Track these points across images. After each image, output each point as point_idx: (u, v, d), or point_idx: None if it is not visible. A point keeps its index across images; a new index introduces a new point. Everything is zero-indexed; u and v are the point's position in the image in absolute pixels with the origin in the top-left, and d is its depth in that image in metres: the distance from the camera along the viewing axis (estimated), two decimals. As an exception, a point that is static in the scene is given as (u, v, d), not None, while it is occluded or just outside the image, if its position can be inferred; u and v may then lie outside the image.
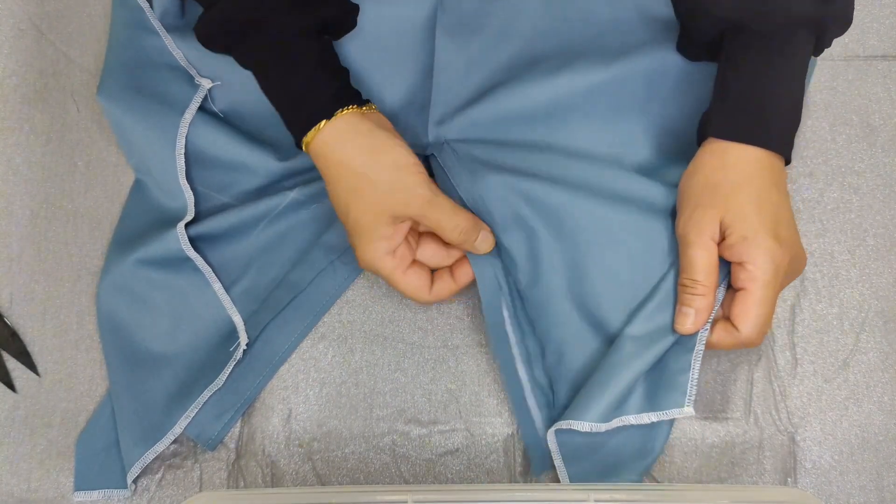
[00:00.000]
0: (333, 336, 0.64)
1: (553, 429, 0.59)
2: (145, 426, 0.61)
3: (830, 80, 0.68)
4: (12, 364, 0.64)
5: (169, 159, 0.63)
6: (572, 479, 0.59)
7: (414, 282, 0.59)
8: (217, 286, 0.63)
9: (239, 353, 0.62)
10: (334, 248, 0.65)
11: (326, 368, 0.64)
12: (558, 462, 0.59)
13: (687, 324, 0.57)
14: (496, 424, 0.63)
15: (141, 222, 0.65)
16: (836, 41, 0.68)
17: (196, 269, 0.63)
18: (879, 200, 0.66)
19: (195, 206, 0.64)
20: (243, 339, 0.62)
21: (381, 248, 0.58)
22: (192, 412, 0.61)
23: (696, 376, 0.57)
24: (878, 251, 0.65)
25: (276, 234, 0.65)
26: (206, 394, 0.61)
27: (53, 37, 0.69)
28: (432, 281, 0.61)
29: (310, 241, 0.65)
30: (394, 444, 0.63)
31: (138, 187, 0.66)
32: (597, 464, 0.59)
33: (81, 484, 0.61)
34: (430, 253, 0.61)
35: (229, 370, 0.62)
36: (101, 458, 0.62)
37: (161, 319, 0.63)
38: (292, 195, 0.64)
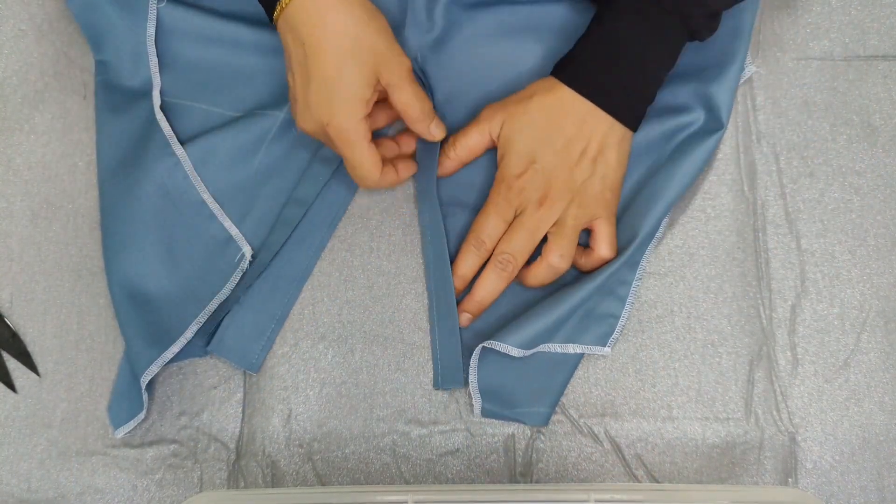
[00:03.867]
0: (333, 336, 0.64)
1: (481, 345, 0.62)
2: (155, 332, 0.62)
3: (831, 80, 0.68)
4: (13, 364, 0.64)
5: (139, 28, 0.65)
6: (482, 392, 0.62)
7: (374, 156, 0.59)
8: (207, 197, 0.64)
9: (245, 264, 0.63)
10: (332, 159, 0.65)
11: (326, 368, 0.64)
12: (472, 370, 0.62)
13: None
14: (496, 424, 0.63)
15: (123, 145, 0.66)
16: (836, 41, 0.68)
17: (192, 189, 0.64)
18: (880, 200, 0.66)
19: (179, 127, 0.65)
20: (245, 248, 0.64)
21: (360, 111, 0.58)
22: (202, 318, 0.62)
23: (623, 322, 0.63)
24: (879, 251, 0.65)
25: (275, 158, 0.65)
26: (216, 301, 0.63)
27: (53, 37, 0.69)
28: None
29: (308, 158, 0.66)
30: (394, 445, 0.63)
31: (104, 87, 0.67)
32: (503, 387, 0.62)
33: (117, 423, 0.62)
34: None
35: (237, 279, 0.63)
36: (127, 395, 0.63)
37: (159, 245, 0.63)
38: (283, 116, 0.65)
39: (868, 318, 0.64)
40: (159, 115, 0.64)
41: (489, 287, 0.62)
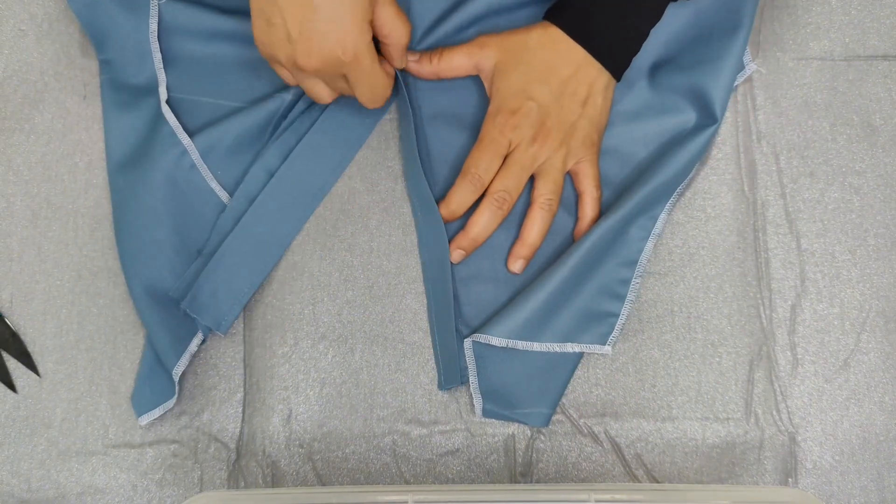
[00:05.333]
0: (333, 336, 0.64)
1: (471, 339, 0.62)
2: (178, 324, 0.63)
3: (831, 80, 0.68)
4: (13, 364, 0.64)
5: (142, 25, 0.66)
6: (483, 393, 0.63)
7: (383, 70, 0.60)
8: (216, 185, 0.65)
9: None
10: (327, 131, 0.66)
11: (327, 368, 0.64)
12: (472, 371, 0.62)
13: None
14: (496, 424, 0.63)
15: (130, 140, 0.66)
16: (836, 41, 0.68)
17: (200, 177, 0.65)
18: (880, 200, 0.66)
19: (187, 121, 0.65)
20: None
21: (369, 32, 0.57)
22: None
23: (623, 321, 0.63)
24: (879, 251, 0.65)
25: (282, 144, 0.66)
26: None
27: (54, 37, 0.69)
28: None
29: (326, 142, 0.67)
30: (394, 445, 0.63)
31: (108, 84, 0.67)
32: (504, 387, 0.63)
33: (140, 410, 0.63)
34: None
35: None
36: (149, 382, 0.63)
37: (173, 235, 0.64)
38: (289, 97, 0.65)
39: (868, 318, 0.64)
40: (165, 109, 0.65)
41: (485, 223, 0.63)
